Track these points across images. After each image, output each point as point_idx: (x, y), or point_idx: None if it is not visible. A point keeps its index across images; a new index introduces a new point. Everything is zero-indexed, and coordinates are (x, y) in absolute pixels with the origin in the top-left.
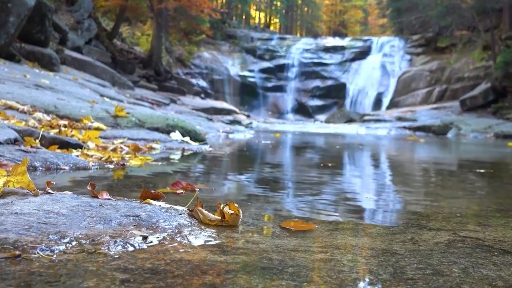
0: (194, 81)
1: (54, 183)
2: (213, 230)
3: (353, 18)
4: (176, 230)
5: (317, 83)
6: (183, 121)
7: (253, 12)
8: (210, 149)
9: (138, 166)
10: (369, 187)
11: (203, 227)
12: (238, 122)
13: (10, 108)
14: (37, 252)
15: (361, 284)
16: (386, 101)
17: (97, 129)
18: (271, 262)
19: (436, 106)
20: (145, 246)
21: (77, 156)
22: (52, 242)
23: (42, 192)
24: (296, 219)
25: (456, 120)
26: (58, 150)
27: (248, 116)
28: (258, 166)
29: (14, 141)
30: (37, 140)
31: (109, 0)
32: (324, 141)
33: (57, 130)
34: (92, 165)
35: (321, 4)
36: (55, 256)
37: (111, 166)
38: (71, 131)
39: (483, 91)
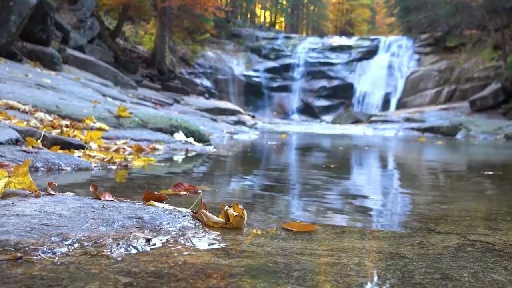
0: (198, 80)
1: (56, 184)
2: (217, 233)
3: (360, 17)
4: (180, 233)
5: (323, 83)
6: (187, 122)
7: (258, 11)
8: (214, 150)
9: (141, 167)
10: (376, 189)
11: (207, 229)
12: (243, 123)
13: (12, 108)
14: (39, 254)
15: None
16: (394, 102)
17: (100, 129)
18: (276, 266)
19: (445, 107)
20: (148, 249)
21: (79, 156)
22: (54, 244)
23: (44, 193)
24: (300, 221)
25: (465, 121)
26: (60, 151)
27: (253, 117)
28: (263, 167)
29: (16, 142)
30: (39, 141)
31: None
32: (330, 143)
33: (59, 131)
34: (95, 166)
35: (328, 2)
36: (57, 258)
37: (114, 167)
38: (73, 132)
39: (493, 92)
